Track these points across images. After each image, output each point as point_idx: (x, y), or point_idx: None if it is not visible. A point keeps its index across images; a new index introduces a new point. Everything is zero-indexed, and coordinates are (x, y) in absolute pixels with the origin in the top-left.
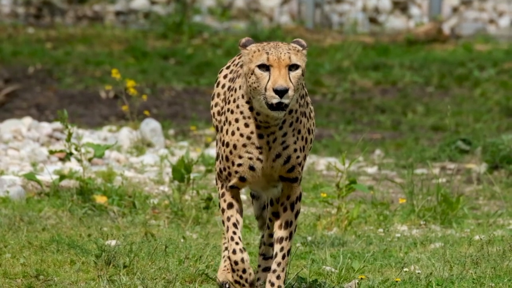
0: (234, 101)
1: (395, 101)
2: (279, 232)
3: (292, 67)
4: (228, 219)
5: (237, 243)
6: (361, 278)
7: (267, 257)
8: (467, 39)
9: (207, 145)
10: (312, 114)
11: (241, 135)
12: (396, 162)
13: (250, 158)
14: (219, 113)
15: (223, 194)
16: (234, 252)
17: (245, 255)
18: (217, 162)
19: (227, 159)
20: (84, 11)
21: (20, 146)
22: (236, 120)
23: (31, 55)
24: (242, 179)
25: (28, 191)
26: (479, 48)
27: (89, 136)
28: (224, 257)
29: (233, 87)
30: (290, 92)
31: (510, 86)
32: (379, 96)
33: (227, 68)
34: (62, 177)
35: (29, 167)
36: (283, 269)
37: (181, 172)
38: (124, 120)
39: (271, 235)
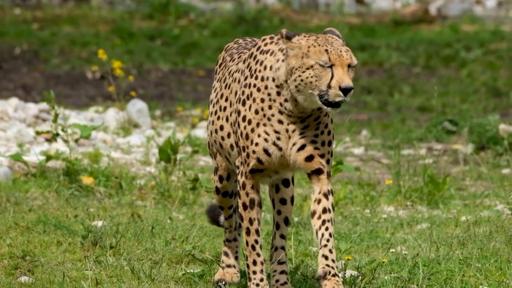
0: (262, 79)
1: (381, 81)
2: (318, 221)
3: (351, 65)
4: (251, 222)
5: (258, 255)
6: (348, 259)
7: (282, 261)
8: (454, 19)
9: (193, 126)
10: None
11: (264, 115)
12: (383, 143)
13: (266, 140)
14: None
15: (243, 185)
16: (254, 263)
17: (264, 267)
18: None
19: (247, 136)
20: None
21: (7, 127)
22: (262, 100)
23: (17, 35)
24: (259, 161)
25: (14, 172)
26: (465, 29)
27: (75, 117)
28: (223, 262)
29: (261, 61)
30: (352, 91)
31: (497, 66)
32: (365, 76)
33: (220, 66)
34: (49, 158)
35: (16, 148)
36: (333, 246)
37: (168, 153)
38: (110, 101)
39: (282, 236)
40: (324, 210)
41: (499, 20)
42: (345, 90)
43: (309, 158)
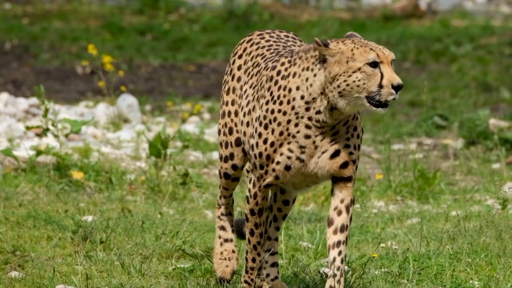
0: (288, 102)
1: None
2: (334, 237)
3: (392, 62)
4: (256, 226)
5: (259, 254)
6: None
7: (273, 252)
8: (444, 14)
9: (183, 121)
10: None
11: (289, 134)
12: (373, 138)
13: (289, 158)
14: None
15: (255, 195)
16: (253, 260)
17: (262, 265)
18: (222, 163)
19: (267, 157)
20: None
21: None
22: (288, 122)
23: (7, 30)
24: (276, 177)
25: (4, 166)
26: (455, 24)
27: (65, 112)
28: (221, 243)
29: (284, 85)
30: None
31: (487, 61)
32: None
33: (240, 57)
34: (39, 152)
35: (6, 142)
36: (342, 274)
37: (158, 147)
38: (100, 96)
39: (277, 228)
40: (342, 228)
41: (489, 15)
42: (397, 88)
43: (344, 165)
